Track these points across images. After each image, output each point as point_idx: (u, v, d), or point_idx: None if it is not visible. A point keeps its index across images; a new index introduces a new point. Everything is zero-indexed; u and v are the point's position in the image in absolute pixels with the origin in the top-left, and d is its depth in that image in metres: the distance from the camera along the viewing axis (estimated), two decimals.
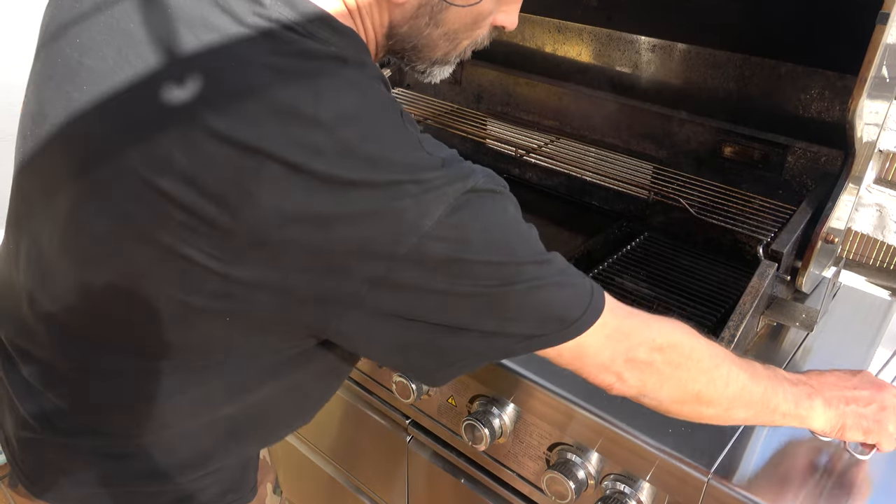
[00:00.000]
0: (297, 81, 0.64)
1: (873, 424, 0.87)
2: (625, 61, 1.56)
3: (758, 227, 1.22)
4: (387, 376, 1.32)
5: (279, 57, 0.64)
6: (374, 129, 0.65)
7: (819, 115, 1.32)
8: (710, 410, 0.81)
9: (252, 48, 0.65)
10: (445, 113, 1.74)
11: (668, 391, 0.79)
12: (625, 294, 1.30)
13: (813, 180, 1.33)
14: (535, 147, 1.57)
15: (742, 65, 1.38)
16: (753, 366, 0.85)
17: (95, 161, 0.68)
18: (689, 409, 0.81)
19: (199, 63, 0.65)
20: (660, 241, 1.49)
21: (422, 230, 0.62)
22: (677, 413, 0.82)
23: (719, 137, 1.41)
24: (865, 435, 0.88)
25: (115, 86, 0.67)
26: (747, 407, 0.82)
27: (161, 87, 0.65)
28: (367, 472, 1.56)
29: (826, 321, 1.25)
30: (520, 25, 1.72)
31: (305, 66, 0.65)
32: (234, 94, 0.63)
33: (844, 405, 0.87)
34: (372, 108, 0.68)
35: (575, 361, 0.77)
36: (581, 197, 1.70)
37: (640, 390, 0.79)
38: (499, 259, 0.68)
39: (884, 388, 0.89)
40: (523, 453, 1.12)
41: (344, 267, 0.63)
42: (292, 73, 0.64)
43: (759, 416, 0.84)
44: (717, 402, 0.80)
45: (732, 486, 0.88)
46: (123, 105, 0.67)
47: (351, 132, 0.63)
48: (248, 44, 0.65)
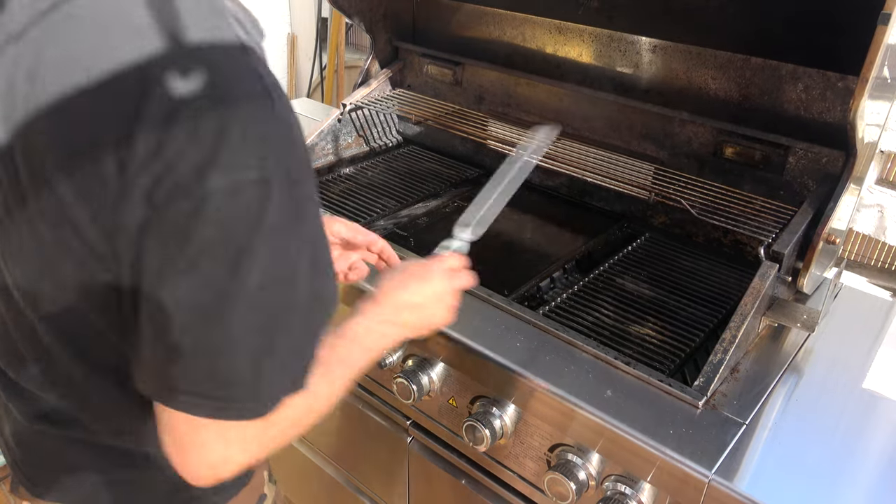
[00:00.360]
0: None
1: (425, 321, 0.93)
2: (626, 62, 1.56)
3: (759, 228, 1.22)
4: (388, 377, 1.32)
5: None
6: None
7: (820, 116, 1.32)
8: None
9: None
10: (446, 114, 1.74)
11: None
12: (626, 295, 1.30)
13: (814, 181, 1.33)
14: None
15: (743, 66, 1.38)
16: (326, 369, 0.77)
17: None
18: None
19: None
20: (661, 242, 1.49)
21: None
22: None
23: (720, 138, 1.41)
24: (427, 330, 0.93)
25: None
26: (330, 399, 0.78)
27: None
28: (368, 473, 1.56)
29: (827, 322, 1.25)
30: (521, 26, 1.72)
31: None
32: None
33: (401, 328, 0.89)
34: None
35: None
36: (582, 198, 1.70)
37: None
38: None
39: (429, 278, 0.94)
40: (524, 454, 1.12)
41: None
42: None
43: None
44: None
45: (734, 487, 0.88)
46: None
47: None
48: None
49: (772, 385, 1.07)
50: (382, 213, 1.58)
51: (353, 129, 1.89)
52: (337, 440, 1.60)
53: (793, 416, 1.02)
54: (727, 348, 1.04)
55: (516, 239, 1.55)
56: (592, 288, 1.31)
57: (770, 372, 1.10)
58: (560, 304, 1.26)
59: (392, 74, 1.93)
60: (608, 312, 1.24)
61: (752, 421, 0.99)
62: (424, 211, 1.61)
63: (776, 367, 1.11)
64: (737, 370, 1.09)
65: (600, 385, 1.03)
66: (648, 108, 1.50)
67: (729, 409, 1.00)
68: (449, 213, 1.61)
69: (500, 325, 1.15)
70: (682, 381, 1.04)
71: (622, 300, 1.28)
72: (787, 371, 1.11)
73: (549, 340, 1.12)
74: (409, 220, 1.56)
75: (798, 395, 1.06)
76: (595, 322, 1.21)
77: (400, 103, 1.83)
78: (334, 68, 3.42)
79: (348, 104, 1.82)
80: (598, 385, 1.03)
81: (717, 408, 1.00)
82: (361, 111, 1.88)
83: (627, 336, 1.18)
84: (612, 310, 1.25)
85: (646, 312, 1.25)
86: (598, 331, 1.19)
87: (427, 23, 1.92)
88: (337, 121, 1.83)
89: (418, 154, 1.92)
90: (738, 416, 0.99)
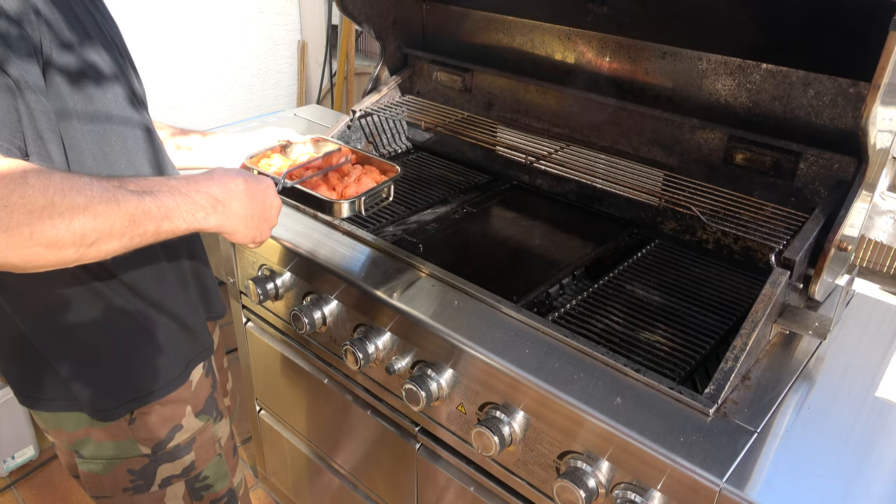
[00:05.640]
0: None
1: (232, 220, 0.95)
2: (635, 68, 1.55)
3: (770, 235, 1.21)
4: (396, 384, 1.32)
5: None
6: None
7: (832, 122, 1.31)
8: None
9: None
10: (455, 120, 1.75)
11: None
12: (636, 302, 1.29)
13: (825, 187, 1.32)
14: (545, 154, 1.57)
15: (753, 71, 1.37)
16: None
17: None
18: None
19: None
20: (670, 249, 1.49)
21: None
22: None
23: (731, 144, 1.41)
24: (226, 229, 0.95)
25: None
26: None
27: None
28: (377, 480, 1.55)
29: (839, 329, 1.24)
30: (530, 33, 1.72)
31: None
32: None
33: (206, 209, 0.91)
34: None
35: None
36: (591, 204, 1.70)
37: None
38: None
39: (262, 195, 1.00)
40: (533, 461, 1.12)
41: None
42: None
43: (137, 240, 0.83)
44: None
45: (745, 496, 0.87)
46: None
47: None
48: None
49: (783, 393, 1.06)
50: (392, 219, 1.59)
51: (363, 136, 1.90)
52: (345, 446, 1.60)
53: (804, 425, 1.01)
54: (738, 356, 1.03)
55: (525, 245, 1.55)
56: (602, 294, 1.31)
57: (781, 380, 1.09)
58: (569, 310, 1.26)
59: (401, 81, 1.94)
60: (618, 319, 1.24)
61: (764, 429, 0.98)
62: (433, 217, 1.61)
63: (788, 374, 1.10)
64: (748, 378, 1.08)
65: (610, 392, 1.02)
66: (658, 115, 1.50)
67: (740, 416, 0.99)
68: (458, 220, 1.61)
69: (509, 331, 1.15)
70: (692, 389, 1.04)
71: (632, 307, 1.27)
72: (798, 379, 1.10)
73: (558, 347, 1.11)
74: (419, 226, 1.57)
75: (810, 403, 1.05)
76: (605, 329, 1.21)
77: (409, 110, 1.84)
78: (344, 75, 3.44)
79: (358, 111, 1.83)
80: (607, 392, 1.02)
81: (728, 415, 0.99)
82: (371, 118, 1.88)
83: (637, 343, 1.18)
84: (622, 316, 1.25)
85: (656, 319, 1.24)
86: (607, 337, 1.18)
87: (436, 30, 1.93)
88: (347, 127, 1.84)
89: (427, 160, 1.92)
90: (749, 424, 0.98)
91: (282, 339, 1.64)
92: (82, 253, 0.77)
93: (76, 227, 0.75)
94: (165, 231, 0.86)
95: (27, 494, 2.25)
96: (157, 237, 0.85)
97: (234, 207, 0.94)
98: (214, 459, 1.21)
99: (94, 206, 0.76)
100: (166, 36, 3.01)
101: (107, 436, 1.06)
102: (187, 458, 1.14)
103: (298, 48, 3.64)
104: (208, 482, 1.20)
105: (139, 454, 1.09)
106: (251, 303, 1.68)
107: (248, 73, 3.45)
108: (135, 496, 1.11)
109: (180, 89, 3.18)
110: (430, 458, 1.34)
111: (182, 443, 1.13)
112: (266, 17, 3.42)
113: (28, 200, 0.71)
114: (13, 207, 0.70)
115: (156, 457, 1.10)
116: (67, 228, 0.74)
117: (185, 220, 0.87)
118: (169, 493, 1.14)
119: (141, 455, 1.09)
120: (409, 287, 1.27)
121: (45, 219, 0.72)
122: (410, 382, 1.19)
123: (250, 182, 0.98)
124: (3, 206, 0.69)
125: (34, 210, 0.71)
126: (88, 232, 0.76)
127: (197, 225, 0.90)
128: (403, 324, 1.23)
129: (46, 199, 0.72)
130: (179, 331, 1.09)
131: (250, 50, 3.42)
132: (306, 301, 1.42)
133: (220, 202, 0.92)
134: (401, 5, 1.84)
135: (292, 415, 1.75)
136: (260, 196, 0.99)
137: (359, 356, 1.27)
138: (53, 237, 0.73)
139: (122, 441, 1.07)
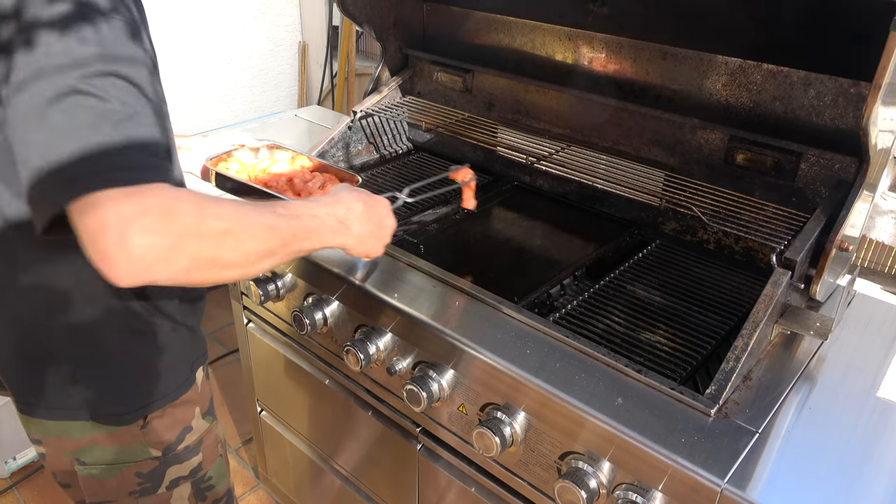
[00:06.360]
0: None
1: (363, 236, 1.07)
2: (636, 69, 1.56)
3: (771, 235, 1.21)
4: (397, 384, 1.32)
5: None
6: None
7: (833, 122, 1.31)
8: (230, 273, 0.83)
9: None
10: (456, 121, 1.75)
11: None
12: (637, 302, 1.29)
13: (827, 188, 1.32)
14: (546, 154, 1.57)
15: (754, 72, 1.37)
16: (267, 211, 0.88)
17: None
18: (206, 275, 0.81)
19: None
20: (671, 249, 1.49)
21: None
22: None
23: (732, 144, 1.41)
24: (357, 248, 1.08)
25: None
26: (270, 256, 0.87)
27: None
28: (377, 481, 1.55)
29: (841, 330, 1.24)
30: (530, 33, 1.72)
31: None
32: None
33: (340, 228, 1.03)
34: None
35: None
36: (592, 204, 1.70)
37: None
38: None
39: (382, 210, 1.13)
40: (534, 462, 1.12)
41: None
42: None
43: (284, 258, 0.91)
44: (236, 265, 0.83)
45: (746, 496, 0.87)
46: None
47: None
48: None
49: (785, 393, 1.06)
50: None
51: (364, 137, 1.90)
52: (347, 447, 1.60)
53: (806, 425, 1.01)
54: (739, 356, 1.03)
55: (526, 246, 1.55)
56: (603, 295, 1.31)
57: (783, 380, 1.09)
58: (570, 311, 1.26)
59: (402, 82, 1.94)
60: (619, 319, 1.24)
61: (765, 429, 0.98)
62: (434, 217, 1.61)
63: (789, 374, 1.10)
64: (749, 378, 1.08)
65: (611, 393, 1.02)
66: (659, 115, 1.50)
67: (741, 417, 0.99)
68: (459, 220, 1.61)
69: (511, 332, 1.15)
70: (693, 389, 1.04)
71: (633, 307, 1.27)
72: (800, 379, 1.10)
73: (559, 348, 1.11)
74: (420, 226, 1.57)
75: (811, 404, 1.05)
76: (606, 329, 1.21)
77: (410, 111, 1.84)
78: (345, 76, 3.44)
79: (359, 112, 1.83)
80: (608, 392, 1.02)
81: (730, 416, 0.99)
82: (372, 118, 1.89)
83: (638, 343, 1.18)
84: (623, 317, 1.25)
85: (657, 320, 1.24)
86: (608, 338, 1.18)
87: (437, 30, 1.93)
88: (347, 128, 1.84)
89: (428, 161, 1.92)
90: (750, 425, 0.98)
91: (283, 340, 1.64)
92: (245, 272, 0.85)
93: (247, 249, 0.82)
94: (304, 250, 0.95)
95: (28, 495, 2.25)
96: (296, 255, 0.94)
97: (355, 228, 1.06)
98: (218, 460, 1.21)
99: (260, 230, 0.84)
100: (167, 37, 3.01)
101: (116, 441, 1.05)
102: (195, 459, 1.15)
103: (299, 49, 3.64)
104: (212, 482, 1.20)
105: (149, 457, 1.08)
106: (252, 304, 1.68)
107: (248, 74, 3.45)
108: (140, 499, 1.11)
109: (181, 91, 3.18)
110: (432, 459, 1.34)
111: (191, 444, 1.13)
112: (267, 18, 3.43)
113: (210, 228, 0.77)
114: (202, 236, 0.76)
115: (165, 459, 1.10)
116: (241, 251, 0.81)
117: (319, 241, 0.98)
118: (175, 495, 1.14)
119: (151, 458, 1.09)
120: (410, 288, 1.27)
121: (224, 244, 0.79)
122: (411, 383, 1.19)
123: (369, 204, 1.10)
124: (195, 235, 0.75)
125: (215, 237, 0.77)
126: (252, 253, 0.83)
127: (326, 244, 1.01)
128: (404, 324, 1.23)
129: (224, 226, 0.78)
130: (187, 332, 1.09)
131: (251, 51, 3.42)
132: (307, 302, 1.42)
133: (343, 224, 1.03)
134: (401, 6, 1.85)
135: (293, 416, 1.76)
136: (376, 218, 1.11)
137: (360, 357, 1.27)
138: (230, 260, 0.80)
139: (133, 446, 1.07)
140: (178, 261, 0.74)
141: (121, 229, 0.68)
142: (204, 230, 0.76)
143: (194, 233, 0.75)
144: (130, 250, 0.69)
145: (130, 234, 0.69)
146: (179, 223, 0.73)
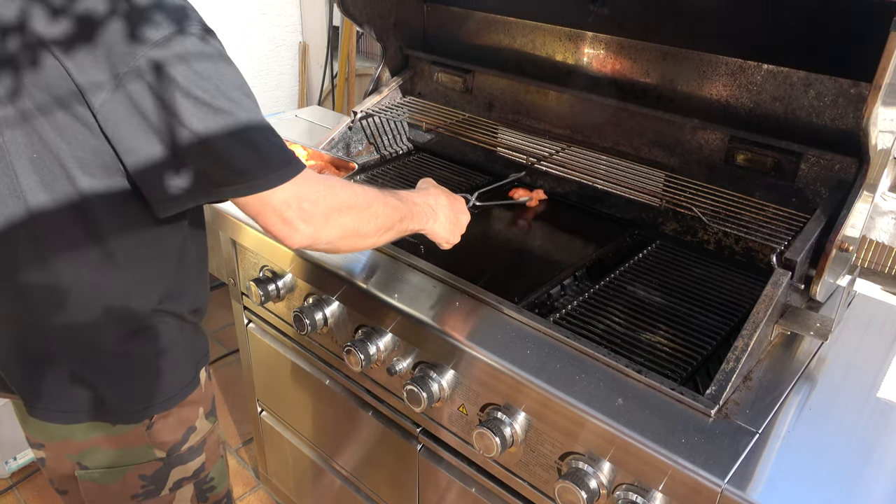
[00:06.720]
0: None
1: (447, 223, 1.23)
2: (636, 69, 1.56)
3: (771, 236, 1.21)
4: (398, 385, 1.32)
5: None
6: None
7: (833, 123, 1.31)
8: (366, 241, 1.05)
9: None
10: (457, 121, 1.75)
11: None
12: (637, 303, 1.29)
13: (827, 188, 1.32)
14: (546, 155, 1.57)
15: (754, 72, 1.37)
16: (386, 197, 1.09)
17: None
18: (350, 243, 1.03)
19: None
20: (672, 250, 1.49)
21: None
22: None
23: (732, 145, 1.41)
24: (441, 234, 1.23)
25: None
26: (390, 230, 1.08)
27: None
28: (378, 481, 1.55)
29: (841, 330, 1.24)
30: (531, 34, 1.73)
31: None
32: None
33: (430, 214, 1.20)
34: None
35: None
36: (592, 205, 1.70)
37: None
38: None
39: (460, 203, 1.29)
40: (535, 462, 1.12)
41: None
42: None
43: (396, 234, 1.11)
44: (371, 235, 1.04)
45: (746, 497, 0.87)
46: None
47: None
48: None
49: (785, 393, 1.06)
50: None
51: (364, 137, 1.90)
52: (347, 447, 1.60)
53: (806, 425, 1.01)
54: (739, 356, 1.03)
55: (526, 246, 1.55)
56: (603, 295, 1.31)
57: (783, 380, 1.09)
58: (571, 311, 1.26)
59: (402, 82, 1.94)
60: (619, 320, 1.24)
61: (765, 430, 0.98)
62: None
63: (789, 375, 1.10)
64: (749, 378, 1.08)
65: (611, 393, 1.02)
66: (659, 115, 1.50)
67: (741, 417, 0.99)
68: None
69: (511, 332, 1.15)
70: (694, 390, 1.04)
71: (633, 308, 1.27)
72: (800, 379, 1.10)
73: (559, 348, 1.11)
74: None
75: (811, 404, 1.05)
76: (606, 330, 1.21)
77: (410, 111, 1.84)
78: (345, 76, 3.44)
79: (359, 112, 1.83)
80: (609, 393, 1.02)
81: (730, 416, 0.99)
82: (372, 119, 1.89)
83: (639, 344, 1.18)
84: (623, 317, 1.25)
85: (657, 320, 1.24)
86: (609, 338, 1.18)
87: (437, 31, 1.93)
88: (348, 128, 1.84)
89: (429, 161, 1.92)
90: (750, 425, 0.98)
91: (283, 341, 1.64)
92: (375, 241, 1.06)
93: (379, 222, 1.04)
94: (408, 230, 1.15)
95: (29, 496, 2.25)
96: (402, 234, 1.13)
97: (441, 217, 1.22)
98: (219, 460, 1.21)
99: (386, 208, 1.06)
100: None
101: (120, 443, 1.05)
102: (198, 459, 1.15)
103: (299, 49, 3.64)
104: (213, 483, 1.20)
105: (153, 458, 1.08)
106: (252, 304, 1.68)
107: (249, 74, 3.45)
108: (143, 502, 1.11)
109: None
110: (432, 459, 1.34)
111: (195, 444, 1.13)
112: (267, 18, 3.43)
113: (356, 203, 1.00)
114: (351, 209, 0.99)
115: (170, 460, 1.10)
116: (375, 224, 1.03)
117: (418, 224, 1.16)
118: (178, 497, 1.14)
119: (155, 459, 1.08)
120: (411, 288, 1.27)
121: (364, 217, 1.01)
122: (412, 383, 1.19)
123: (451, 198, 1.27)
124: (346, 209, 0.98)
125: (358, 211, 1.00)
126: (382, 227, 1.05)
127: (422, 227, 1.18)
128: (405, 325, 1.23)
129: (368, 204, 1.02)
130: (192, 331, 1.09)
131: (251, 51, 3.42)
132: (308, 302, 1.42)
133: (434, 212, 1.20)
134: (402, 6, 1.85)
135: (294, 416, 1.76)
136: (455, 211, 1.26)
137: (360, 357, 1.27)
138: (368, 230, 1.03)
139: (137, 447, 1.06)
140: (333, 229, 0.96)
141: (299, 205, 0.91)
142: (352, 204, 0.99)
143: (346, 207, 0.98)
144: (307, 220, 0.92)
145: (305, 208, 0.92)
146: (337, 200, 0.96)
